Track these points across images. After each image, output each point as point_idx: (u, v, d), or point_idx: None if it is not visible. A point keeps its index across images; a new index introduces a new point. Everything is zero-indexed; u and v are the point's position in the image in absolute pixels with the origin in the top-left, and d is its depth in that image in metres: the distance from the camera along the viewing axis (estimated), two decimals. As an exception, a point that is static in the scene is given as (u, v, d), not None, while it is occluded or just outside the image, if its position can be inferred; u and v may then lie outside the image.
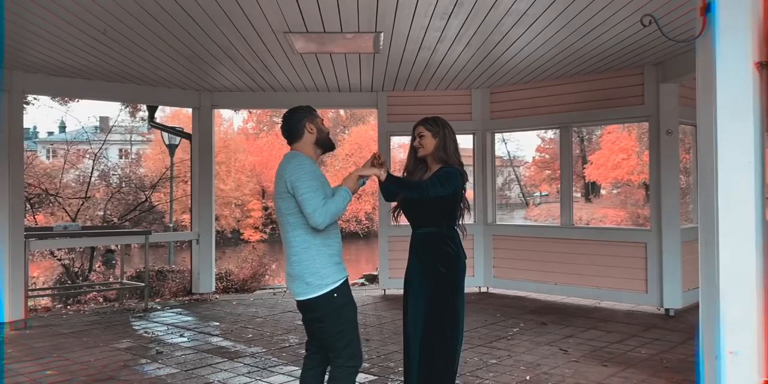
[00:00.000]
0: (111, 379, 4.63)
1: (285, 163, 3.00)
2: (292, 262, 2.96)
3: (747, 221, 2.59)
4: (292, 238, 2.94)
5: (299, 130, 3.07)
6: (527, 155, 58.93)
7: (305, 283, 2.91)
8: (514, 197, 57.39)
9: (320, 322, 2.96)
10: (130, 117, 17.75)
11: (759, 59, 2.61)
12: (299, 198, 2.88)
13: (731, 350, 2.59)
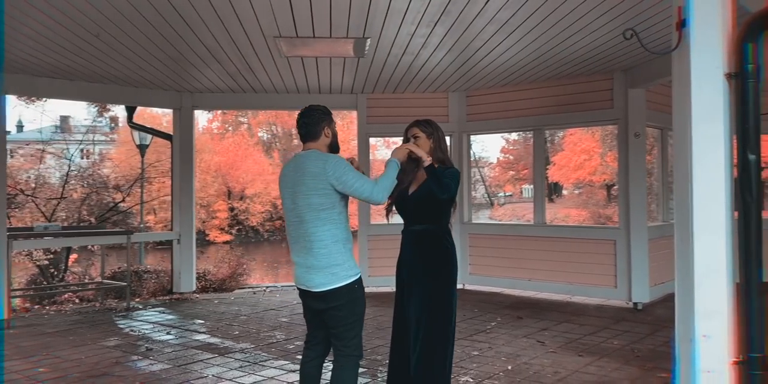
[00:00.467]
0: (105, 375, 4.72)
1: (311, 163, 3.10)
2: (319, 254, 3.08)
3: (719, 217, 2.86)
4: (322, 232, 3.07)
5: (317, 132, 3.21)
6: (492, 156, 59.74)
7: (331, 273, 3.07)
8: (479, 197, 58.08)
9: (338, 311, 3.11)
10: (98, 117, 17.56)
11: (729, 70, 2.88)
12: (351, 188, 3.06)
13: (704, 334, 2.85)
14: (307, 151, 3.21)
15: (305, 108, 3.31)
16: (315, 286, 3.13)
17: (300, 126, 3.26)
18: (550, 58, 6.16)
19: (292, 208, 3.17)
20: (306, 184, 3.08)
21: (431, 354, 3.43)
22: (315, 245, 3.11)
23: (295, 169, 3.16)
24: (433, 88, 7.85)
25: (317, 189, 3.07)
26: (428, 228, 3.57)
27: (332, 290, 3.10)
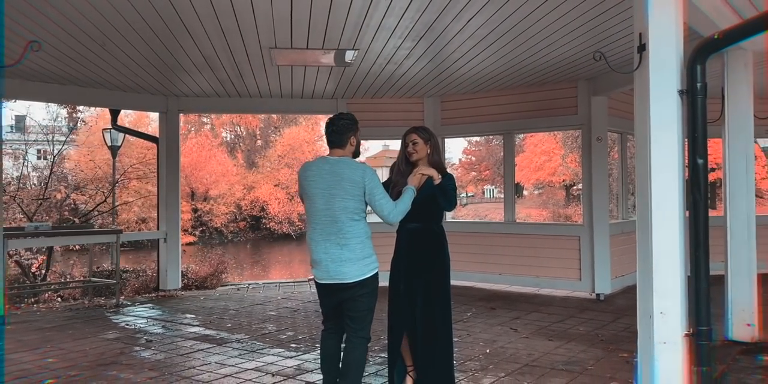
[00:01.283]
0: (113, 364, 5.03)
1: (350, 170, 3.46)
2: (355, 248, 3.46)
3: (673, 212, 3.38)
4: (357, 229, 3.47)
5: (344, 140, 3.58)
6: (454, 157, 60.57)
7: (364, 265, 3.48)
8: (442, 198, 58.80)
9: (360, 299, 3.52)
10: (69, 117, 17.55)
11: (682, 88, 3.41)
12: (377, 202, 3.47)
13: (661, 311, 3.37)
14: (341, 158, 3.55)
15: (334, 116, 3.64)
16: (348, 278, 3.48)
17: (329, 133, 3.60)
18: (520, 68, 6.68)
19: (325, 209, 3.48)
20: (345, 189, 3.43)
21: (436, 337, 3.87)
22: (351, 241, 3.47)
23: (331, 172, 3.47)
24: (410, 93, 8.31)
25: (354, 194, 3.45)
26: (423, 226, 3.98)
27: (362, 281, 3.50)
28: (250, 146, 44.17)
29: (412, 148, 3.98)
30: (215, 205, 35.11)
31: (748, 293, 5.05)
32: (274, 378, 4.59)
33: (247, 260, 24.50)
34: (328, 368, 3.69)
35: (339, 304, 3.62)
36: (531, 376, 4.55)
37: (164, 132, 8.35)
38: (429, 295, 3.90)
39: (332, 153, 3.62)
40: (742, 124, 5.07)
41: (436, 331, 3.90)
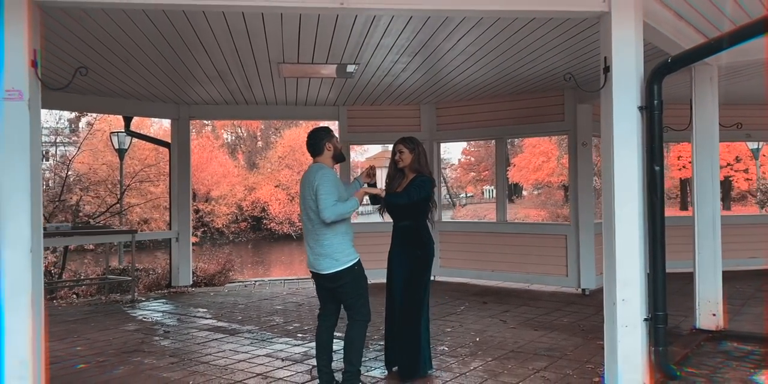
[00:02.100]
0: (136, 352, 5.54)
1: (313, 173, 4.06)
2: (324, 245, 4.01)
3: (633, 212, 3.88)
4: (325, 227, 3.99)
5: (321, 147, 4.16)
6: (453, 158, 61.03)
7: (334, 259, 4.01)
8: (441, 198, 59.30)
9: (344, 288, 4.07)
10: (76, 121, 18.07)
11: (641, 104, 3.92)
12: (318, 197, 3.95)
13: (623, 298, 3.88)
14: (314, 164, 4.17)
15: (311, 130, 4.28)
16: (323, 270, 4.08)
17: (307, 145, 4.22)
18: (509, 79, 7.19)
19: (303, 210, 4.13)
20: (307, 190, 4.04)
21: (411, 312, 4.46)
22: (320, 237, 4.06)
23: (306, 178, 4.12)
24: (407, 101, 8.81)
25: (311, 195, 4.02)
26: (410, 224, 4.58)
27: (336, 272, 4.05)
28: (250, 147, 44.63)
29: (399, 156, 4.57)
30: (217, 205, 35.34)
31: (714, 287, 5.55)
32: (284, 362, 5.10)
33: (249, 260, 24.94)
34: (318, 350, 4.28)
35: (328, 290, 4.20)
36: (515, 361, 5.06)
37: (176, 138, 8.85)
38: (409, 282, 4.48)
39: (314, 161, 4.22)
40: (708, 132, 5.58)
41: (410, 315, 4.44)
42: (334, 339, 4.35)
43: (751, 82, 7.39)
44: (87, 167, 19.93)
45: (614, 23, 3.86)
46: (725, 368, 4.57)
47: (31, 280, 3.46)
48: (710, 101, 5.55)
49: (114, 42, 5.28)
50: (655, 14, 4.33)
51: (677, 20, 4.69)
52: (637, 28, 3.90)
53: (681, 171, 31.14)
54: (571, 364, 4.93)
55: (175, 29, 4.94)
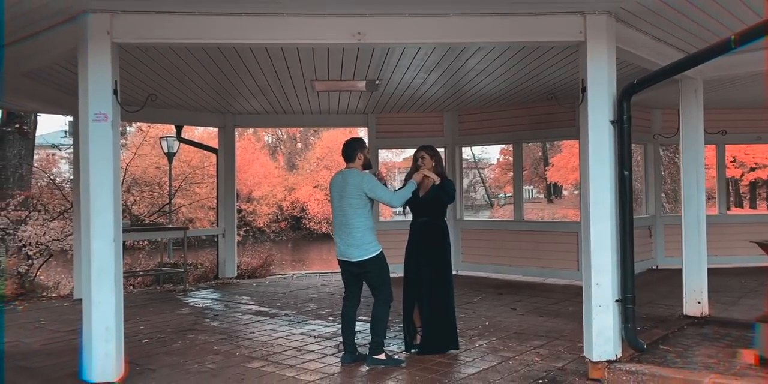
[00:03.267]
0: (191, 330, 6.46)
1: (355, 176, 4.86)
2: (355, 236, 4.83)
3: (606, 210, 4.58)
4: (357, 222, 4.83)
5: (354, 156, 4.99)
6: (492, 157, 61.19)
7: (364, 248, 4.84)
8: (479, 198, 59.60)
9: (372, 274, 4.90)
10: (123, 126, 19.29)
11: (612, 119, 4.62)
12: (377, 196, 4.82)
13: (597, 282, 4.59)
14: (349, 169, 4.99)
15: (347, 140, 5.11)
16: (354, 257, 4.91)
17: (343, 152, 5.06)
18: (521, 90, 7.91)
19: (339, 206, 4.93)
20: (349, 191, 4.84)
21: (441, 295, 5.23)
22: (353, 230, 4.88)
23: (342, 180, 4.92)
24: (430, 109, 9.59)
25: (355, 194, 4.83)
26: (430, 219, 5.34)
27: (365, 260, 4.88)
28: (290, 149, 45.81)
29: (422, 161, 5.34)
30: (258, 205, 36.20)
31: (699, 278, 6.18)
32: (316, 339, 5.96)
33: (289, 258, 25.94)
34: (343, 326, 5.15)
35: (355, 276, 5.04)
36: (516, 340, 5.80)
37: (222, 144, 9.82)
38: (432, 272, 5.24)
39: (347, 166, 5.04)
40: (693, 138, 6.21)
41: (439, 301, 5.23)
42: (357, 320, 5.20)
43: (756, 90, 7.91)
44: (141, 170, 21.20)
45: (589, 51, 4.58)
46: (698, 347, 5.22)
47: (113, 264, 4.38)
48: (695, 111, 6.18)
49: (174, 68, 6.23)
50: (632, 40, 5.02)
51: (656, 42, 5.36)
52: (609, 54, 4.60)
53: (728, 171, 30.76)
54: (564, 343, 5.64)
55: (224, 57, 5.85)
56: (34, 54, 5.07)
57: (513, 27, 4.66)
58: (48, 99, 7.21)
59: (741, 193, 37.23)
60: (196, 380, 4.73)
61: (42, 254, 10.24)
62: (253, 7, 4.35)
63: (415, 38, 4.68)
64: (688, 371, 4.43)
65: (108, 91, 4.34)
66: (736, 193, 35.94)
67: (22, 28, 4.75)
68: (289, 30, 4.49)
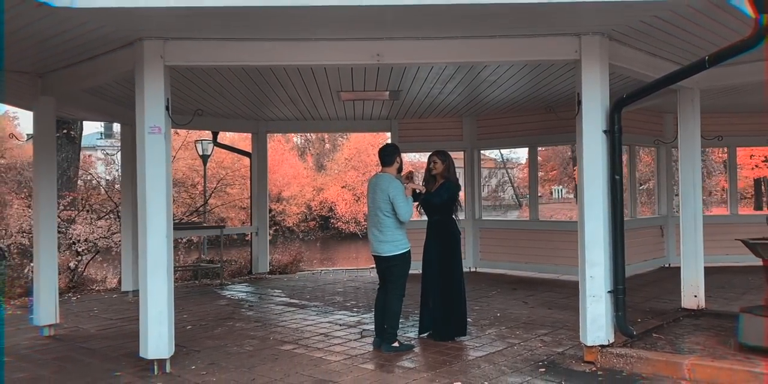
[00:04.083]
0: (229, 319, 7.16)
1: (387, 182, 5.47)
2: (387, 234, 5.46)
3: (600, 211, 5.11)
4: (389, 222, 5.45)
5: (390, 160, 5.61)
6: (521, 157, 61.21)
7: (394, 245, 5.47)
8: (508, 199, 59.75)
9: (393, 269, 5.52)
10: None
11: (605, 129, 5.15)
12: (396, 204, 5.40)
13: (591, 275, 5.13)
14: (383, 173, 5.60)
15: (384, 145, 5.74)
16: (384, 253, 5.53)
17: (381, 156, 5.66)
18: (532, 98, 8.45)
19: (372, 207, 5.56)
20: (379, 194, 5.47)
21: (451, 284, 5.82)
22: (384, 229, 5.50)
23: (376, 183, 5.54)
24: (450, 114, 10.16)
25: (383, 199, 5.45)
26: (441, 218, 5.94)
27: (393, 255, 5.51)
28: (319, 150, 46.62)
29: (433, 166, 5.95)
30: (287, 205, 36.84)
31: (695, 273, 6.66)
32: (341, 327, 6.59)
33: (318, 256, 26.63)
34: (376, 313, 5.72)
35: (383, 269, 5.64)
36: (523, 329, 6.36)
37: (255, 148, 10.54)
38: (441, 264, 5.86)
39: (382, 170, 5.66)
40: (691, 143, 6.69)
41: (447, 291, 5.83)
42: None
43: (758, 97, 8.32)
44: (180, 173, 22.12)
45: (584, 68, 5.11)
46: (688, 335, 5.73)
47: (166, 258, 5.06)
48: (691, 118, 6.66)
49: (215, 82, 6.94)
50: (626, 57, 5.53)
51: (649, 57, 5.86)
52: (602, 71, 5.13)
53: (754, 170, 30.41)
54: (567, 332, 6.18)
55: (260, 73, 6.54)
56: (94, 74, 5.78)
57: (516, 47, 5.22)
58: (100, 109, 7.96)
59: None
60: (235, 359, 5.40)
61: (89, 251, 11.09)
62: (286, 34, 4.98)
63: (428, 58, 5.29)
64: (670, 354, 4.96)
65: (161, 107, 5.02)
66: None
67: (84, 52, 5.45)
68: (317, 53, 5.13)
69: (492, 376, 4.82)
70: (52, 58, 5.66)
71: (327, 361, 5.29)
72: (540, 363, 5.17)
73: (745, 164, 30.39)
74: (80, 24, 4.59)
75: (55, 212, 6.76)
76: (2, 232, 10.34)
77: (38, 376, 5.08)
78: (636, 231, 9.88)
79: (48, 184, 6.58)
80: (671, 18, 4.73)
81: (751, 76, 6.44)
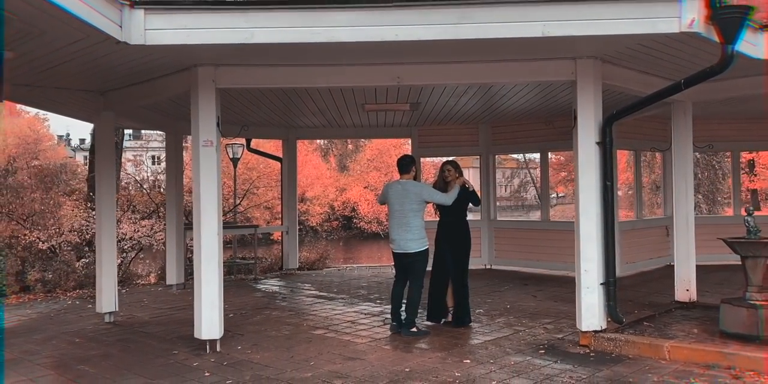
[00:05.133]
0: (265, 308, 7.99)
1: (413, 186, 6.32)
2: (413, 232, 6.24)
3: (594, 213, 5.83)
4: (415, 222, 6.25)
5: (409, 169, 6.44)
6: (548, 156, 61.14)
7: (418, 242, 6.26)
8: (530, 199, 60.06)
9: (416, 263, 6.32)
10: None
11: (598, 140, 5.87)
12: (434, 198, 6.32)
13: (585, 269, 5.86)
14: (407, 180, 6.41)
15: (402, 156, 6.59)
16: (410, 249, 6.32)
17: (400, 165, 6.50)
18: (542, 108, 9.16)
19: (399, 210, 6.32)
20: (410, 198, 6.26)
21: (460, 280, 6.59)
22: (412, 228, 6.29)
23: (403, 189, 6.32)
24: (466, 122, 10.89)
25: (415, 201, 6.26)
26: (454, 219, 6.72)
27: (418, 252, 6.32)
28: (341, 151, 47.48)
29: (447, 173, 6.72)
30: (311, 205, 37.53)
31: (687, 269, 7.32)
32: (366, 316, 7.39)
33: (341, 256, 27.46)
34: (393, 302, 6.54)
35: (403, 266, 6.44)
36: (529, 318, 7.10)
37: (286, 154, 11.41)
38: (456, 262, 6.63)
39: (402, 177, 6.46)
40: (684, 151, 7.36)
41: (460, 284, 6.61)
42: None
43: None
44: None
45: (579, 88, 5.84)
46: (675, 324, 6.42)
47: (217, 252, 5.90)
48: (684, 128, 7.33)
49: (253, 97, 7.78)
50: (619, 76, 6.22)
51: (641, 75, 6.55)
52: (596, 90, 5.84)
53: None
54: (569, 321, 6.89)
55: (294, 90, 7.37)
56: (151, 94, 6.64)
57: (521, 69, 5.97)
58: (150, 120, 8.87)
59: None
60: (274, 341, 6.22)
61: (133, 248, 12.05)
62: (320, 61, 5.78)
63: (442, 80, 6.08)
64: (653, 338, 5.68)
65: (213, 125, 5.86)
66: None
67: (144, 75, 6.31)
68: (344, 76, 5.94)
69: (497, 355, 5.58)
70: (116, 80, 6.54)
71: (354, 343, 6.09)
72: (541, 346, 5.91)
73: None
74: (146, 55, 5.43)
75: (114, 212, 7.66)
76: (56, 231, 11.30)
77: (108, 354, 5.95)
78: (642, 231, 10.56)
79: (108, 187, 7.47)
80: (654, 45, 5.43)
81: (742, 90, 7.03)
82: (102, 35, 4.55)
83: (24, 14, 4.10)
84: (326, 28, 4.81)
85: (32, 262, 11.09)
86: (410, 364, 5.33)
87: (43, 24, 4.36)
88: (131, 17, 4.69)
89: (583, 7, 4.75)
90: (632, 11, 4.76)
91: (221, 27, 4.83)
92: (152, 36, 4.77)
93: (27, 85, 6.45)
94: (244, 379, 5.00)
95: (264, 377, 5.03)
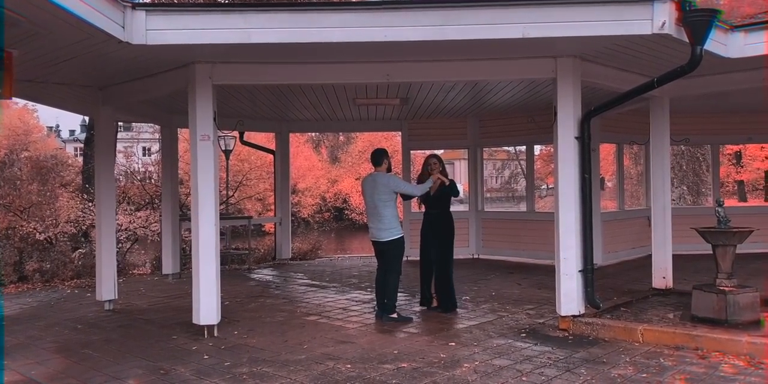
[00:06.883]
0: (260, 296, 8.29)
1: (383, 177, 6.58)
2: (385, 223, 6.54)
3: (573, 204, 6.14)
4: (386, 212, 6.53)
5: (381, 162, 6.69)
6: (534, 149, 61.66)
7: (390, 232, 6.55)
8: (521, 190, 60.46)
9: (391, 252, 6.62)
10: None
11: (576, 135, 6.17)
12: (401, 189, 6.62)
13: (564, 257, 6.18)
14: (378, 173, 6.69)
15: (375, 149, 6.83)
16: (383, 238, 6.62)
17: (372, 159, 6.75)
18: (527, 103, 9.46)
19: (370, 200, 6.63)
20: (379, 189, 6.55)
21: (445, 268, 6.92)
22: (383, 218, 6.58)
23: (373, 180, 6.62)
24: (455, 115, 11.18)
25: (383, 191, 6.54)
26: (440, 212, 7.03)
27: (390, 240, 6.59)
28: (333, 142, 47.64)
29: (433, 166, 7.01)
30: (303, 197, 37.60)
31: (664, 258, 7.67)
32: (357, 303, 7.70)
33: (333, 246, 27.73)
34: (377, 290, 6.84)
35: (380, 252, 6.74)
36: (513, 305, 7.43)
37: (279, 146, 11.66)
38: (441, 252, 6.95)
39: (375, 169, 6.75)
40: (661, 145, 7.68)
41: (445, 273, 6.93)
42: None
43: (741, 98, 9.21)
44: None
45: (559, 85, 6.13)
46: (651, 309, 6.76)
47: (214, 242, 6.17)
48: (661, 123, 7.65)
49: (247, 92, 8.03)
50: (598, 73, 6.52)
51: (620, 72, 6.84)
52: (575, 87, 6.14)
53: (764, 162, 30.49)
54: (550, 307, 7.21)
55: (287, 86, 7.61)
56: (149, 89, 6.88)
57: (504, 67, 6.26)
58: (146, 114, 9.10)
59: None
60: (269, 327, 6.52)
61: (129, 239, 12.30)
62: (313, 58, 6.05)
63: (431, 77, 6.36)
64: (629, 322, 6.02)
65: (209, 119, 6.11)
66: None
67: (142, 72, 6.54)
68: (337, 73, 6.21)
69: (481, 339, 5.90)
70: (115, 76, 6.77)
71: (346, 328, 6.40)
72: (522, 330, 6.24)
73: (756, 156, 30.91)
74: (145, 53, 5.66)
75: (113, 204, 7.91)
76: (52, 222, 11.53)
77: (110, 339, 6.23)
78: (624, 221, 10.92)
79: (107, 179, 7.71)
80: (630, 45, 5.73)
81: (718, 86, 7.36)
82: (105, 35, 4.79)
83: (32, 16, 4.33)
84: (320, 29, 5.07)
85: (30, 252, 11.33)
86: (398, 346, 5.65)
87: (50, 25, 4.59)
88: (133, 18, 4.93)
89: (560, 9, 5.04)
90: (607, 14, 5.05)
91: (220, 27, 5.08)
92: (153, 36, 5.01)
93: (29, 81, 6.67)
94: (241, 361, 5.29)
95: (260, 359, 5.32)
